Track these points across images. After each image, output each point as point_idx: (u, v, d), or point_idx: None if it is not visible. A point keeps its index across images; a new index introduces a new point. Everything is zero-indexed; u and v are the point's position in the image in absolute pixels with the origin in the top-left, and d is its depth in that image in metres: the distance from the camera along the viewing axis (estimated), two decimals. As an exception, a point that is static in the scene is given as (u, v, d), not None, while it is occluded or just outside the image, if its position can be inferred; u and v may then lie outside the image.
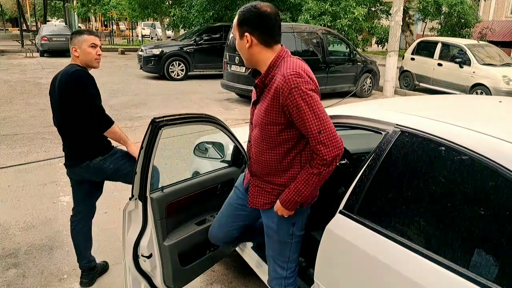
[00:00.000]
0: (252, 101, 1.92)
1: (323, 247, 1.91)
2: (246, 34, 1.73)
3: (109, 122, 2.57)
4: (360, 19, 12.10)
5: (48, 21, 34.66)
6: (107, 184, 2.93)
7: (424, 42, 11.91)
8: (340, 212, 1.88)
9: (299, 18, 12.16)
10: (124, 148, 2.72)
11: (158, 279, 2.21)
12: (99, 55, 2.62)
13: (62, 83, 2.50)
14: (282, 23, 1.88)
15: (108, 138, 2.69)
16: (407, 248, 1.56)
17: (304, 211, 1.96)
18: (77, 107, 2.50)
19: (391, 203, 1.72)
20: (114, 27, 33.61)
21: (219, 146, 3.19)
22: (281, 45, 1.81)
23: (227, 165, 2.68)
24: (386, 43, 13.34)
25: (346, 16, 12.11)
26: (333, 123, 2.29)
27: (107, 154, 2.65)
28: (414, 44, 12.22)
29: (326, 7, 12.07)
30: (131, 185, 2.11)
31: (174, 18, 14.91)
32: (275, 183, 1.88)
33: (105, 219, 3.66)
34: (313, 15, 12.03)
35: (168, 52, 12.56)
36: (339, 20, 12.21)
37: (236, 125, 7.01)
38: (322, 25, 12.16)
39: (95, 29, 34.10)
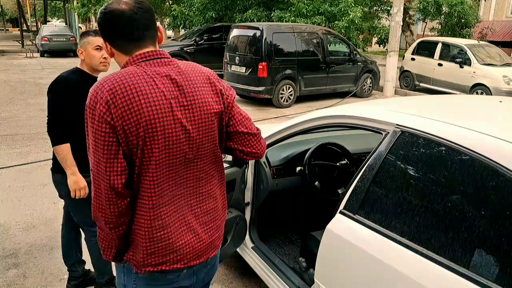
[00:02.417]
0: None
1: (324, 247, 1.91)
2: (102, 43, 1.39)
3: (58, 140, 2.33)
4: (356, 21, 11.88)
5: (49, 21, 34.63)
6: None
7: (424, 42, 11.89)
8: (341, 212, 1.87)
9: (286, 16, 11.72)
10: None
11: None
12: (105, 58, 2.44)
13: None
14: (282, 23, 1.83)
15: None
16: (407, 248, 1.56)
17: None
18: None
19: (392, 203, 1.72)
20: (115, 27, 33.56)
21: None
22: (160, 50, 1.35)
23: (228, 165, 2.68)
24: (386, 43, 13.26)
25: (343, 19, 11.96)
26: (334, 123, 2.32)
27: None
28: (414, 44, 12.20)
29: (326, 6, 11.99)
30: None
31: (177, 15, 14.84)
32: None
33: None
34: (298, 14, 11.76)
35: (168, 52, 12.44)
36: (336, 22, 12.09)
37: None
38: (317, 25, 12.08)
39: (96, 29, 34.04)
